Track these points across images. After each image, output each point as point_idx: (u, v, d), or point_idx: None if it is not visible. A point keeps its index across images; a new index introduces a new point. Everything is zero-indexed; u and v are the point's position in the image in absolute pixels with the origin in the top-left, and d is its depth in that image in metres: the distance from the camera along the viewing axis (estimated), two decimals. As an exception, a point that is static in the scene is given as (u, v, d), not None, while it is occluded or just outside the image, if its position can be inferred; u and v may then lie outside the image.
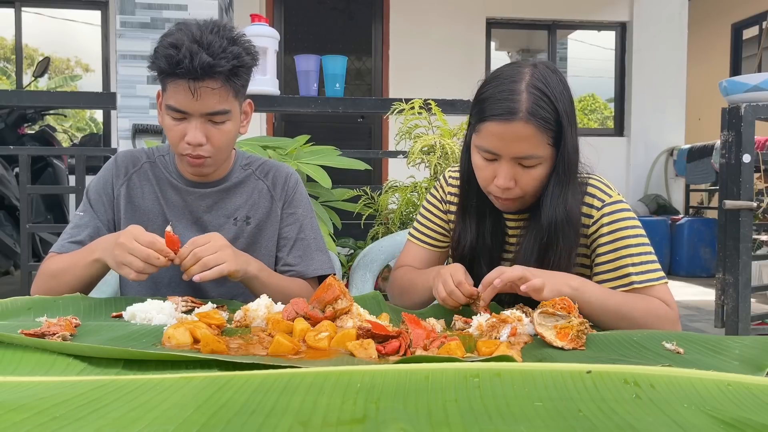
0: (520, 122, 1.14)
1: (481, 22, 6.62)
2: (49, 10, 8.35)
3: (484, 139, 1.18)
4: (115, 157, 1.48)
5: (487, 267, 1.29)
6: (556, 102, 1.16)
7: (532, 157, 1.17)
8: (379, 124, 6.37)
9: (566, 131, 1.17)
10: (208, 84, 1.26)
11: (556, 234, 1.22)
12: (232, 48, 1.27)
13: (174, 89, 1.27)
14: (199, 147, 1.31)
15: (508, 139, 1.15)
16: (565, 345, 0.93)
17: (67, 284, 1.28)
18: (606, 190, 1.27)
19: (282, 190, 1.49)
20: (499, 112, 1.15)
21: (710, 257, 5.98)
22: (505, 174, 1.18)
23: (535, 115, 1.13)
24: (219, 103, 1.29)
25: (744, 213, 2.52)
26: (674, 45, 6.84)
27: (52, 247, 1.41)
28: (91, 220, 1.42)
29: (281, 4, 6.35)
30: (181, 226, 1.43)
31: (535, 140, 1.15)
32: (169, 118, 1.31)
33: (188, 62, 1.22)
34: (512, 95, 1.15)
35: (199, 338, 0.88)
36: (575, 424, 0.59)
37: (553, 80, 1.17)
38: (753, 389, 0.67)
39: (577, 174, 1.25)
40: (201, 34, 1.26)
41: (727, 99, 2.75)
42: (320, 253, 1.50)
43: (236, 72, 1.29)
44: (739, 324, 2.56)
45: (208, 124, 1.30)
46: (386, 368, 0.73)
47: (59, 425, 0.57)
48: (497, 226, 1.33)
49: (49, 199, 4.53)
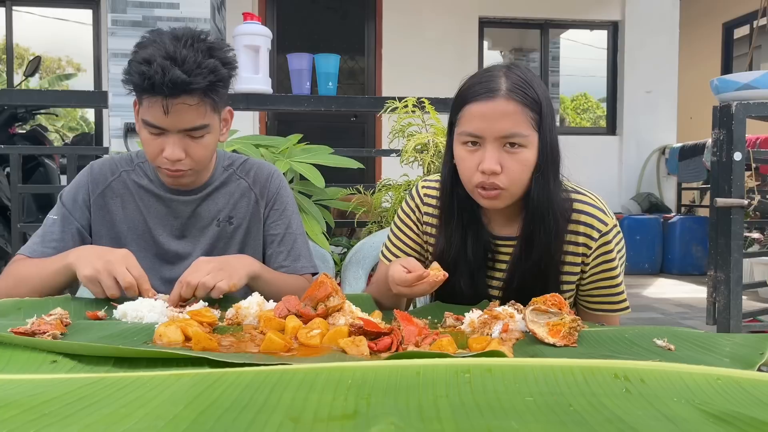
0: (502, 99, 1.14)
1: (474, 21, 6.63)
2: (40, 9, 8.29)
3: (467, 124, 1.18)
4: (92, 165, 1.44)
5: (468, 281, 1.28)
6: (535, 87, 1.17)
7: (517, 135, 1.15)
8: (372, 123, 6.37)
9: (546, 118, 1.18)
10: (184, 100, 1.23)
11: (538, 222, 1.21)
12: (207, 62, 1.23)
13: (149, 105, 1.24)
14: (178, 162, 1.28)
15: (491, 118, 1.15)
16: (557, 342, 0.93)
17: (32, 288, 1.25)
18: (602, 218, 1.25)
19: (264, 189, 1.47)
20: (480, 93, 1.16)
21: (702, 255, 6.01)
22: (490, 156, 1.15)
23: (516, 92, 1.15)
24: (196, 119, 1.26)
25: (735, 211, 2.53)
26: (666, 44, 6.87)
27: (21, 249, 1.37)
28: (66, 226, 1.38)
29: (274, 3, 6.34)
30: (166, 232, 1.41)
31: (518, 117, 1.15)
32: (145, 132, 1.28)
33: (160, 78, 1.18)
34: (491, 79, 1.17)
35: (191, 336, 0.88)
36: (566, 418, 0.59)
37: (528, 73, 1.19)
38: (742, 383, 0.68)
39: (559, 171, 1.24)
40: (174, 49, 1.21)
41: (718, 97, 2.76)
42: (305, 250, 1.49)
43: (213, 87, 1.25)
44: (730, 321, 2.57)
45: (186, 139, 1.28)
46: (377, 364, 0.73)
47: (49, 422, 0.57)
48: (480, 239, 1.28)
49: (41, 199, 4.50)
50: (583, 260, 1.27)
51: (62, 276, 1.24)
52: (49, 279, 1.25)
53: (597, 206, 1.26)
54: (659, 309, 4.52)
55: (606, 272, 1.28)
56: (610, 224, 1.25)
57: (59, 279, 1.25)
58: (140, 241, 1.41)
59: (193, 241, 1.43)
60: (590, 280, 1.30)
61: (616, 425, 0.58)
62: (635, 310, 4.40)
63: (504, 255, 1.30)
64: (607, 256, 1.26)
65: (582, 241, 1.25)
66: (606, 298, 1.31)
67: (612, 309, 1.31)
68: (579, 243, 1.26)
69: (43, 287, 1.25)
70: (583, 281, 1.30)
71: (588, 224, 1.25)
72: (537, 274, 1.24)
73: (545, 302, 0.99)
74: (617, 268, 1.28)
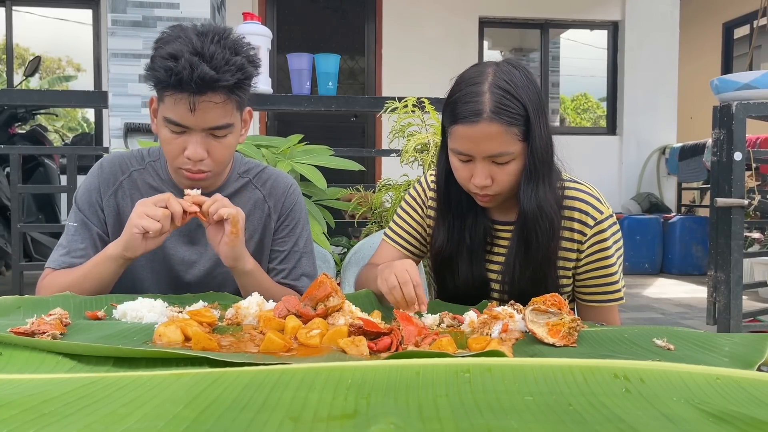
0: (485, 123, 1.16)
1: (474, 21, 6.63)
2: (40, 9, 8.29)
3: (456, 142, 1.22)
4: (101, 163, 1.40)
5: (467, 267, 1.31)
6: (520, 97, 1.18)
7: (504, 154, 1.19)
8: (373, 123, 6.37)
9: (534, 125, 1.19)
10: (210, 98, 1.19)
11: (531, 227, 1.24)
12: (235, 59, 1.20)
13: (173, 102, 1.20)
14: (200, 162, 1.24)
15: (477, 141, 1.18)
16: (557, 342, 0.93)
17: (81, 293, 1.23)
18: (598, 206, 1.29)
19: (279, 203, 1.44)
20: (464, 116, 1.18)
21: (702, 255, 6.02)
22: (481, 173, 1.21)
23: (499, 113, 1.16)
24: (222, 117, 1.22)
25: (735, 210, 2.53)
26: (666, 44, 6.87)
27: (48, 262, 1.35)
28: (87, 233, 1.36)
29: (274, 3, 6.34)
30: (173, 238, 1.38)
31: (503, 138, 1.17)
32: (167, 130, 1.24)
33: (188, 74, 1.15)
34: (476, 97, 1.18)
35: (191, 336, 0.88)
36: (565, 417, 0.59)
37: (516, 76, 1.20)
38: (741, 383, 0.68)
39: (552, 168, 1.27)
40: (202, 45, 1.18)
41: (718, 97, 2.76)
42: (309, 268, 1.47)
43: (240, 85, 1.22)
44: (730, 321, 2.57)
45: (209, 138, 1.24)
46: (377, 364, 0.73)
47: (48, 422, 0.57)
48: (478, 224, 1.33)
49: (41, 199, 4.50)
50: (579, 247, 1.30)
51: (113, 265, 1.24)
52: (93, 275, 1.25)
53: (593, 194, 1.31)
54: (659, 309, 4.52)
55: (601, 260, 1.30)
56: (605, 213, 1.29)
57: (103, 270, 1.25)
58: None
59: (201, 249, 1.40)
60: (585, 269, 1.32)
61: (616, 425, 0.58)
62: (635, 310, 4.40)
63: (503, 240, 1.34)
64: (603, 244, 1.29)
65: (577, 227, 1.29)
66: (601, 288, 1.32)
67: (606, 299, 1.33)
68: (574, 229, 1.29)
69: (92, 289, 1.26)
70: (578, 270, 1.32)
71: (583, 211, 1.29)
72: (535, 259, 1.27)
73: (545, 302, 0.99)
74: (613, 257, 1.30)
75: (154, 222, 1.16)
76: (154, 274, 1.40)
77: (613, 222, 1.30)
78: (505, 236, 1.34)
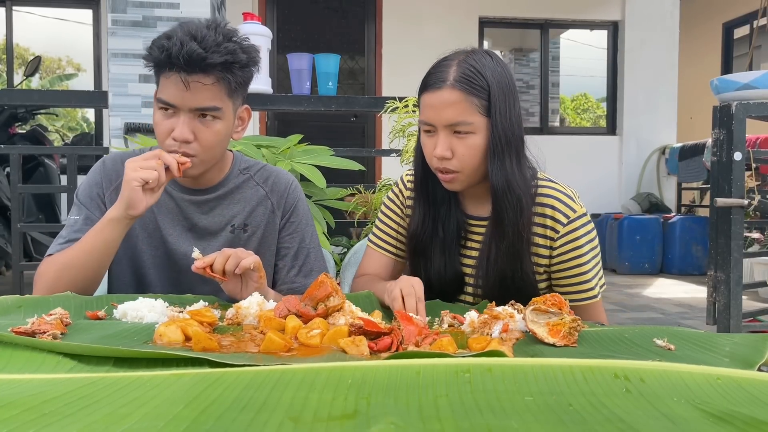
0: (448, 89, 1.22)
1: (474, 21, 6.63)
2: (40, 9, 8.30)
3: (423, 112, 1.27)
4: (104, 160, 1.43)
5: (440, 259, 1.34)
6: (485, 74, 1.23)
7: (463, 123, 1.22)
8: (373, 123, 6.37)
9: (497, 101, 1.22)
10: (199, 78, 1.23)
11: (501, 204, 1.26)
12: (226, 44, 1.25)
13: (165, 82, 1.25)
14: (186, 144, 1.26)
15: (438, 107, 1.23)
16: (557, 342, 0.93)
17: (82, 266, 1.25)
18: (571, 204, 1.30)
19: (282, 199, 1.46)
20: (431, 83, 1.25)
21: (702, 255, 6.01)
22: (441, 143, 1.24)
23: (462, 82, 1.22)
24: (210, 99, 1.26)
25: (735, 210, 2.53)
26: (666, 44, 6.87)
27: (48, 251, 1.35)
28: (87, 224, 1.36)
29: (274, 3, 6.34)
30: (176, 232, 1.39)
31: (463, 106, 1.22)
32: (159, 113, 1.28)
33: (177, 50, 1.20)
34: (443, 69, 1.25)
35: (191, 336, 0.88)
36: (565, 417, 0.59)
37: (486, 58, 1.26)
38: (742, 383, 0.68)
39: (522, 155, 1.29)
40: (197, 29, 1.24)
41: (718, 97, 2.76)
42: (318, 264, 1.48)
43: (229, 68, 1.26)
44: (730, 321, 2.57)
45: (196, 121, 1.27)
46: (377, 364, 0.73)
47: (48, 422, 0.57)
48: (452, 217, 1.35)
49: (41, 199, 4.50)
50: (551, 244, 1.31)
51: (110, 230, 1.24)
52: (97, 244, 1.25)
53: (566, 193, 1.32)
54: (659, 309, 4.52)
55: (574, 259, 1.30)
56: (578, 212, 1.30)
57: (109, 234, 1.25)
58: (150, 240, 1.40)
59: (204, 244, 1.40)
60: (558, 268, 1.32)
61: (616, 425, 0.58)
62: (635, 310, 4.40)
63: (478, 235, 1.36)
64: (576, 243, 1.29)
65: (550, 224, 1.30)
66: (575, 287, 1.32)
67: (581, 298, 1.32)
68: (546, 226, 1.30)
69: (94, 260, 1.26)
70: (552, 268, 1.33)
71: (556, 208, 1.29)
72: (509, 253, 1.28)
73: (545, 302, 0.99)
74: (586, 255, 1.30)
75: (151, 171, 1.20)
76: (157, 269, 1.41)
77: (587, 221, 1.31)
78: (479, 231, 1.35)
